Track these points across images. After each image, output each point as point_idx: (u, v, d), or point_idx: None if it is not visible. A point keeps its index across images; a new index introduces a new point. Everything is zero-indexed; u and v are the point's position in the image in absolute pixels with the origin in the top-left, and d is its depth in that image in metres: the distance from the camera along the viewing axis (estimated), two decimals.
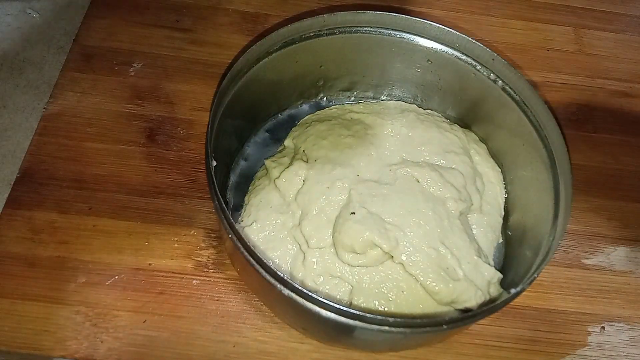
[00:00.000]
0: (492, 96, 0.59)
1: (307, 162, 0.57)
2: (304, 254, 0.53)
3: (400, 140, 0.60)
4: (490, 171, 0.62)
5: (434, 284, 0.50)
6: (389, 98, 0.68)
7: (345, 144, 0.58)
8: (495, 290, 0.53)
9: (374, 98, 0.68)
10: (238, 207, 0.59)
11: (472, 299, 0.51)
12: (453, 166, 0.59)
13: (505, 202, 0.61)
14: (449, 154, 0.60)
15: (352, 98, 0.68)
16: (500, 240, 0.59)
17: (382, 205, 0.53)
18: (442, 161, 0.59)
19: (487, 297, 0.52)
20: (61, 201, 0.59)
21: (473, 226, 0.58)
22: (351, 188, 0.54)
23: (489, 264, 0.54)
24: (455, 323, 0.44)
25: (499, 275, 0.54)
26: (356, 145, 0.58)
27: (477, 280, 0.52)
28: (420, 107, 0.66)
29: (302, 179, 0.55)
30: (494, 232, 0.59)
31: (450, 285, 0.50)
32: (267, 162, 0.59)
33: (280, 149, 0.63)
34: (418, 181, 0.56)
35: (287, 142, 0.62)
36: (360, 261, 0.51)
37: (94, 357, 0.52)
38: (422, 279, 0.51)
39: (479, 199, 0.58)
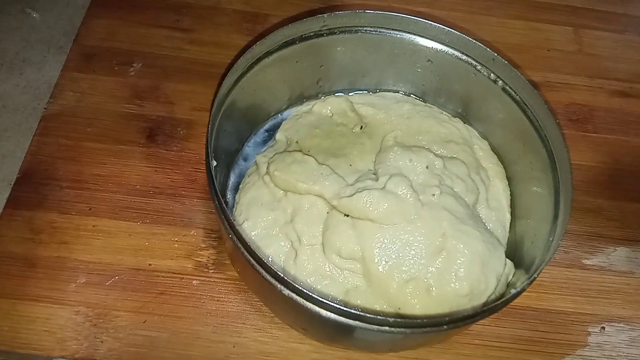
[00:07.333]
0: (492, 96, 0.59)
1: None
2: (296, 251, 0.52)
3: (396, 129, 0.59)
4: (495, 167, 0.60)
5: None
6: None
7: (338, 132, 0.57)
8: (504, 285, 0.53)
9: None
10: None
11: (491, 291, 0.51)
12: (454, 155, 0.57)
13: None
14: (449, 143, 0.58)
15: None
16: (508, 237, 0.58)
17: None
18: (442, 150, 0.58)
19: (503, 290, 0.52)
20: (61, 201, 0.59)
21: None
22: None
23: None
24: (455, 323, 0.44)
25: (514, 270, 0.53)
26: (349, 134, 0.57)
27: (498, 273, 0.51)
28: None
29: None
30: (504, 229, 0.57)
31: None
32: (258, 157, 0.58)
33: (272, 144, 0.62)
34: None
35: (279, 135, 0.61)
36: (347, 266, 0.51)
37: (94, 358, 0.51)
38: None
39: (485, 190, 0.57)
